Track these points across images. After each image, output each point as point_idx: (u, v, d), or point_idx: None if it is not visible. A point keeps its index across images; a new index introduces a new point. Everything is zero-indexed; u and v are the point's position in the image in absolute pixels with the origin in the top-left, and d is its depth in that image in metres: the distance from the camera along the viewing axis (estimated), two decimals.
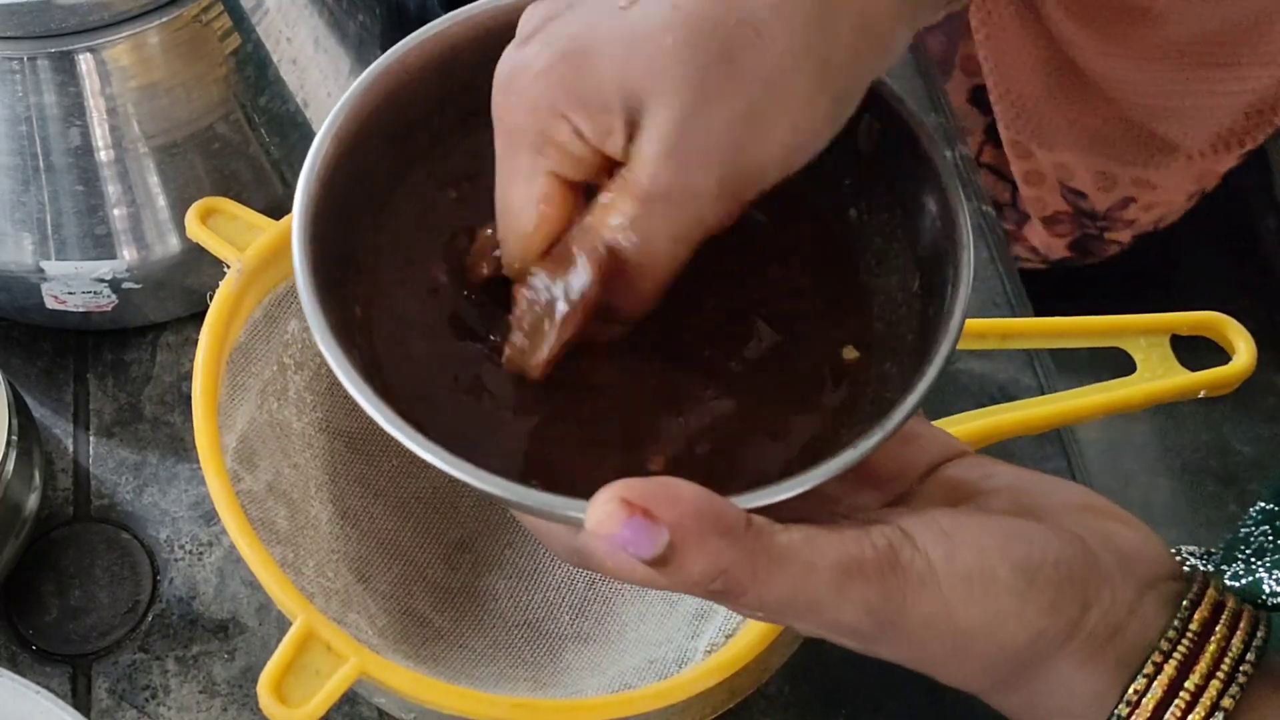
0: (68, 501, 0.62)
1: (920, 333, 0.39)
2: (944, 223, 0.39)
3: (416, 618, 0.55)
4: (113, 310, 0.63)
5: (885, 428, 0.36)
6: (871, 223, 0.42)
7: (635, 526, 0.32)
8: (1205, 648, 0.36)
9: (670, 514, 0.32)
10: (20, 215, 0.60)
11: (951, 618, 0.35)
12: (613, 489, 0.32)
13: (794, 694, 0.58)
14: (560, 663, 0.54)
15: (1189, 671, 0.35)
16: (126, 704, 0.57)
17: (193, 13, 0.58)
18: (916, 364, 0.38)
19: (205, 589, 0.60)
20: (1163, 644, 0.36)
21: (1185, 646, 0.36)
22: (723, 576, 0.33)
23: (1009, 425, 0.56)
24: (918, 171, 0.40)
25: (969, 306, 0.38)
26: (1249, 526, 0.49)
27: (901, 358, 0.39)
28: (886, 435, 0.36)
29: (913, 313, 0.40)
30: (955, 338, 0.37)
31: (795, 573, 0.34)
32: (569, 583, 0.57)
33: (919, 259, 0.40)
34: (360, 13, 0.67)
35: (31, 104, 0.57)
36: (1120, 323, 0.57)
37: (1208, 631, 0.36)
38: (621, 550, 0.32)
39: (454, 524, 0.58)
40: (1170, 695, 0.35)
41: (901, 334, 0.40)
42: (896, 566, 0.34)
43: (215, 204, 0.56)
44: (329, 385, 0.57)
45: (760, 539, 0.34)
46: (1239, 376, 0.56)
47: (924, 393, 0.36)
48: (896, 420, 0.36)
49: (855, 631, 0.35)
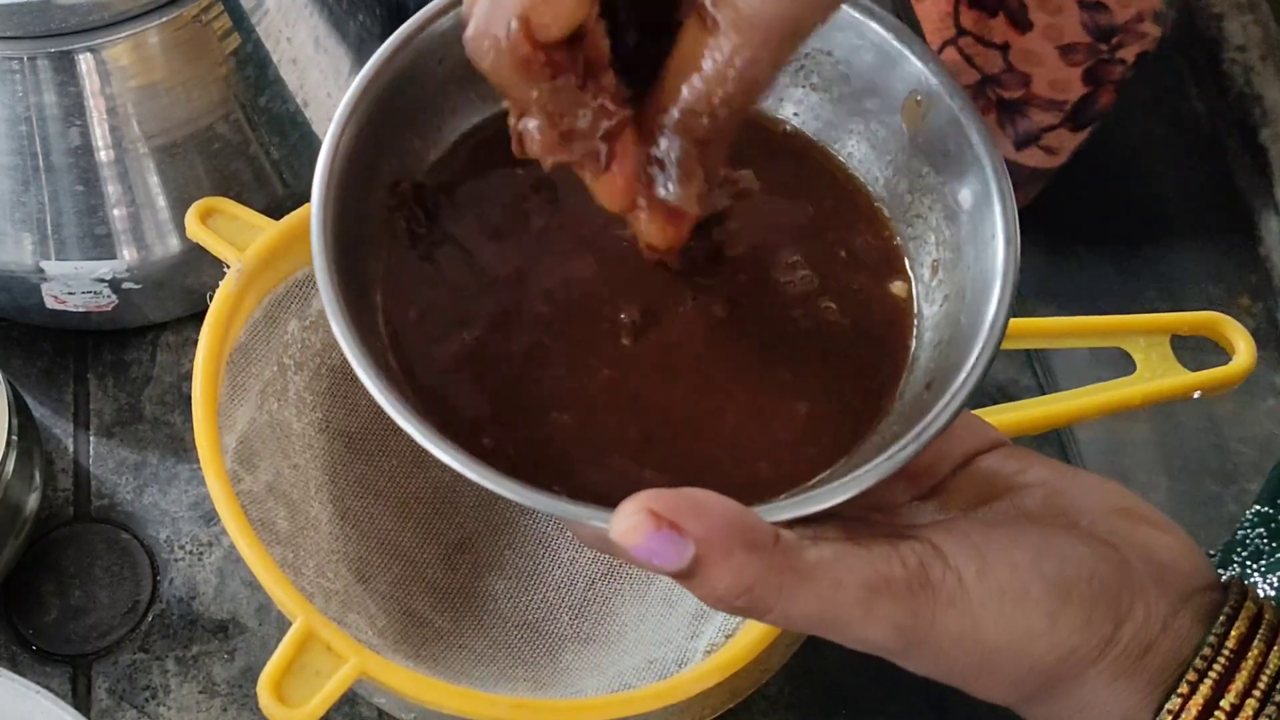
0: (68, 502, 0.62)
1: (953, 338, 0.38)
2: (986, 220, 0.38)
3: (416, 618, 0.55)
4: (113, 310, 0.63)
5: (921, 439, 0.35)
6: (915, 205, 0.41)
7: (662, 539, 0.32)
8: (1242, 665, 0.35)
9: (697, 527, 0.32)
10: (20, 215, 0.60)
11: (980, 635, 0.34)
12: (639, 499, 0.32)
13: (794, 694, 0.58)
14: (560, 663, 0.54)
15: (1224, 690, 0.35)
16: (126, 704, 0.57)
17: (193, 13, 0.58)
18: (955, 363, 0.37)
19: (205, 589, 0.60)
20: (1198, 661, 0.35)
21: (1221, 664, 0.35)
22: (748, 593, 0.33)
23: (1008, 425, 0.56)
24: (964, 156, 0.39)
25: None
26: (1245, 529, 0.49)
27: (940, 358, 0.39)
28: (922, 446, 0.35)
29: (951, 312, 0.39)
30: (997, 339, 0.36)
31: (822, 590, 0.33)
32: (569, 583, 0.57)
33: (957, 256, 0.40)
34: (360, 13, 0.67)
35: (31, 104, 0.57)
36: (1120, 323, 0.57)
37: (1244, 648, 0.35)
38: (648, 563, 0.32)
39: (454, 525, 0.58)
40: (1205, 714, 0.35)
41: (941, 332, 0.39)
42: (926, 584, 0.34)
43: (215, 204, 0.56)
44: (329, 386, 0.57)
45: (787, 555, 0.33)
46: (1239, 376, 0.56)
47: (970, 391, 0.35)
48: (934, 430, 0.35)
49: (882, 648, 0.35)
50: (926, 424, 0.35)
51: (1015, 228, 0.38)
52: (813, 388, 0.39)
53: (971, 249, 0.39)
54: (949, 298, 0.39)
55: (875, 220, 0.42)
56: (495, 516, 0.58)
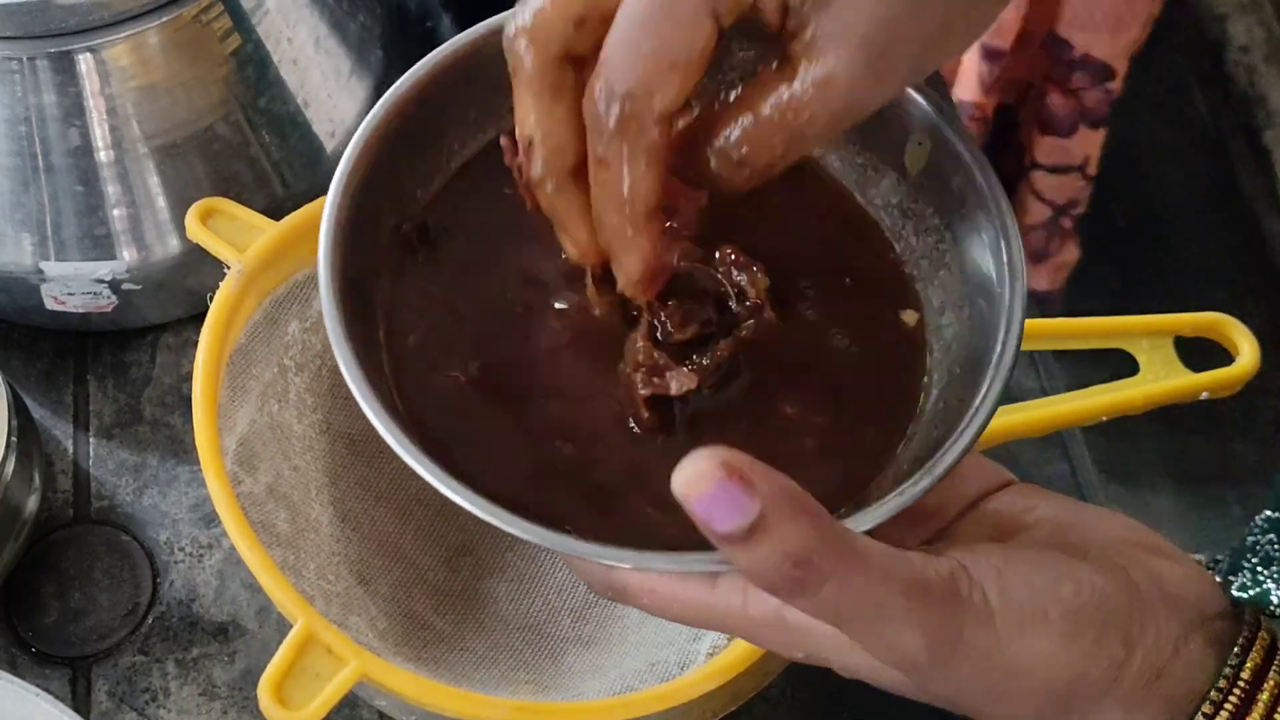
0: (67, 503, 0.62)
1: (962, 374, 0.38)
2: (993, 252, 0.39)
3: (417, 621, 0.55)
4: (113, 311, 0.63)
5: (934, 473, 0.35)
6: (919, 246, 0.41)
7: (729, 491, 0.30)
8: (1258, 697, 0.34)
9: (766, 486, 0.30)
10: (20, 216, 0.60)
11: (1003, 655, 0.34)
12: (713, 450, 0.30)
13: (795, 697, 0.58)
14: (562, 666, 0.54)
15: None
16: (126, 706, 0.57)
17: (193, 13, 0.58)
18: (965, 398, 0.37)
19: (205, 591, 0.60)
20: (1213, 694, 0.35)
21: (1237, 696, 0.34)
22: (804, 565, 0.31)
23: (1011, 427, 0.56)
24: (968, 198, 0.39)
25: None
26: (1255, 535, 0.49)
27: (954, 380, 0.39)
28: (935, 480, 0.35)
29: (965, 333, 0.39)
30: (1005, 375, 0.37)
31: (875, 577, 0.32)
32: (570, 586, 0.57)
33: (966, 279, 0.40)
34: (361, 13, 0.67)
35: (31, 104, 0.57)
36: (1123, 324, 0.57)
37: (1259, 679, 0.35)
38: (705, 520, 0.30)
39: (455, 527, 0.58)
40: None
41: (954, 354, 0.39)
42: (957, 597, 0.33)
43: (215, 205, 0.56)
44: (329, 387, 0.57)
45: (846, 534, 0.32)
46: (1243, 378, 0.56)
47: (979, 428, 0.36)
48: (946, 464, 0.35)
49: (908, 659, 0.34)
50: (938, 458, 0.35)
51: (1022, 264, 0.38)
52: (821, 424, 0.39)
53: (978, 286, 0.39)
54: (957, 336, 0.39)
55: (883, 250, 0.42)
56: None
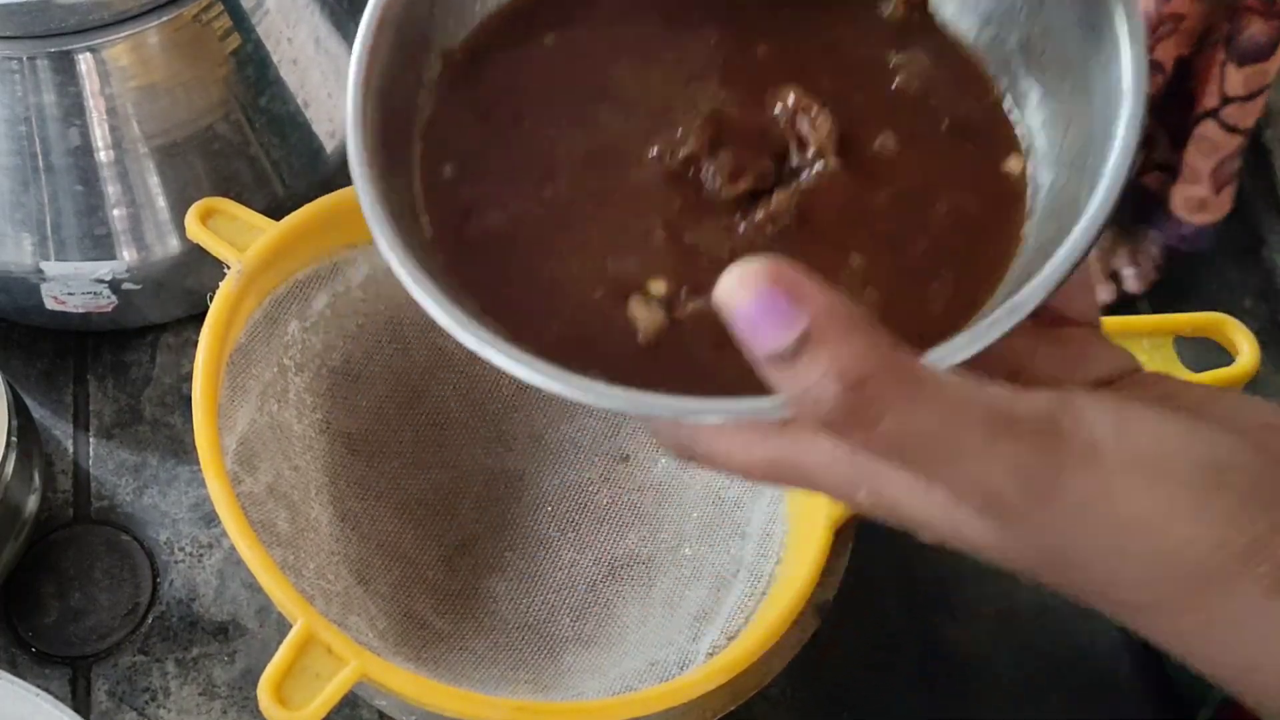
0: (67, 503, 0.62)
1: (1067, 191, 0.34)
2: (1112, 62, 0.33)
3: (417, 620, 0.55)
4: (113, 311, 0.63)
5: (1047, 284, 0.30)
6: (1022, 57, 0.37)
7: (776, 298, 0.27)
8: None
9: (817, 301, 0.27)
10: (20, 215, 0.60)
11: (1113, 503, 0.29)
12: (760, 259, 0.28)
13: (796, 696, 0.58)
14: (561, 665, 0.54)
15: None
16: (126, 706, 0.57)
17: (193, 13, 0.58)
18: (1072, 210, 0.32)
19: (205, 591, 0.60)
20: None
21: None
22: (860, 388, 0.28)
23: None
24: None
25: None
26: None
27: None
28: (1049, 293, 0.30)
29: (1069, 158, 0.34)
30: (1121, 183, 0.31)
31: (945, 406, 0.28)
32: (570, 585, 0.57)
33: None
34: (361, 13, 0.67)
35: (31, 104, 0.57)
36: (1123, 324, 0.57)
37: None
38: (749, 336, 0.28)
39: (454, 526, 0.58)
40: None
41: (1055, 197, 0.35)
42: (1057, 433, 0.29)
43: (215, 204, 0.56)
44: (329, 387, 0.57)
45: (910, 360, 0.28)
46: (1242, 378, 0.56)
47: (1093, 237, 0.30)
48: (1057, 276, 0.30)
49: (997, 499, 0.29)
50: (1051, 270, 0.30)
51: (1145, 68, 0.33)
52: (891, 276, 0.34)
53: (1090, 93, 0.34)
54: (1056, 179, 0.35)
55: (980, 83, 0.37)
56: (496, 518, 0.58)
